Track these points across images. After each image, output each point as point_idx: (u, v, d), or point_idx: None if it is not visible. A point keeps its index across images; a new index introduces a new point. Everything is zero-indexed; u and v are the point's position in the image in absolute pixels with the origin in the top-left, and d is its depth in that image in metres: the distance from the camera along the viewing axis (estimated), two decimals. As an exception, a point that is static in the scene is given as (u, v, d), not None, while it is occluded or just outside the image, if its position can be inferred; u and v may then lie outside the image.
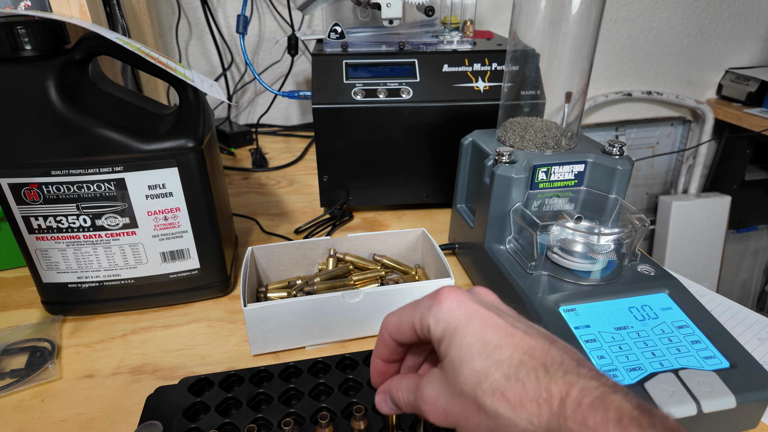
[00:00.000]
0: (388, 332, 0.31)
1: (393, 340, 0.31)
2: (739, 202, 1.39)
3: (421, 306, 0.29)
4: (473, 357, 0.26)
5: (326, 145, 0.70)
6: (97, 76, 0.51)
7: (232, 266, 0.60)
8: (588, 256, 0.47)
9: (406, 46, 0.72)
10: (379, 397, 0.32)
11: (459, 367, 0.26)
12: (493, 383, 0.25)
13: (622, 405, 0.22)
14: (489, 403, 0.25)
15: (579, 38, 0.51)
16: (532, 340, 0.26)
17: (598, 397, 0.23)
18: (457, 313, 0.27)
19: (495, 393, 0.25)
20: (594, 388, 0.23)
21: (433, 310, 0.28)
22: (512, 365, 0.25)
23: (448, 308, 0.28)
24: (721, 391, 0.37)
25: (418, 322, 0.29)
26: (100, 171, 0.47)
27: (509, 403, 0.24)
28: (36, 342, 0.50)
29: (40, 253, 0.50)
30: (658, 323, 0.43)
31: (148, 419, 0.39)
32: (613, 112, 1.37)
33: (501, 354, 0.25)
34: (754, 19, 1.32)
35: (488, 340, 0.26)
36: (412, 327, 0.29)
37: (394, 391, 0.31)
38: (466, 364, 0.26)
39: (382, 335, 0.31)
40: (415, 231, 0.59)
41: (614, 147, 0.51)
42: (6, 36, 0.44)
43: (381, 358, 0.32)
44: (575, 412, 0.23)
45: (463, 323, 0.27)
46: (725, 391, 0.37)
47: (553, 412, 0.23)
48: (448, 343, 0.27)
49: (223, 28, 1.07)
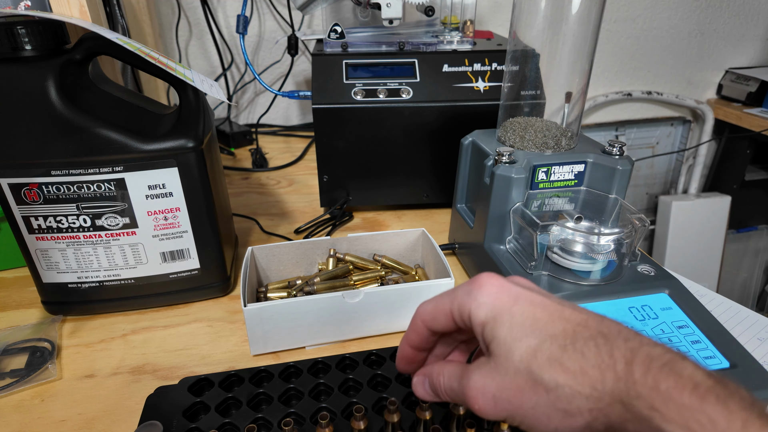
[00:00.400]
0: (423, 320, 0.30)
1: (427, 328, 0.30)
2: (739, 202, 1.39)
3: (460, 293, 0.28)
4: (525, 334, 0.25)
5: (326, 145, 0.70)
6: (97, 76, 0.51)
7: (232, 266, 0.60)
8: (588, 256, 0.47)
9: (406, 46, 0.72)
10: (417, 378, 0.32)
11: (511, 347, 0.25)
12: (550, 355, 0.24)
13: (695, 373, 0.21)
14: (547, 376, 0.23)
15: (579, 38, 0.51)
16: (583, 314, 0.25)
17: (667, 363, 0.22)
18: (501, 296, 0.27)
19: (552, 364, 0.24)
20: (660, 353, 0.22)
21: (474, 295, 0.27)
22: (567, 336, 0.24)
23: (490, 292, 0.27)
24: (721, 391, 0.37)
25: (456, 309, 0.28)
26: (100, 171, 0.47)
27: (569, 372, 0.23)
28: (36, 342, 0.50)
29: (40, 253, 0.50)
30: (658, 323, 0.43)
31: (148, 419, 0.39)
32: (613, 112, 1.37)
33: (553, 328, 0.25)
34: (754, 19, 1.32)
35: (538, 317, 0.25)
36: (449, 314, 0.28)
37: (435, 376, 0.30)
38: (518, 342, 0.25)
39: (415, 322, 0.31)
40: (415, 231, 0.59)
41: (614, 147, 0.51)
42: (6, 36, 0.44)
43: (411, 345, 0.32)
44: (645, 376, 0.21)
45: (509, 304, 0.26)
46: (725, 391, 0.37)
47: (619, 376, 0.22)
48: (495, 325, 0.26)
49: (223, 28, 1.07)
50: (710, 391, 0.20)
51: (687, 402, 0.20)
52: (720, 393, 0.20)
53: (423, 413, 0.37)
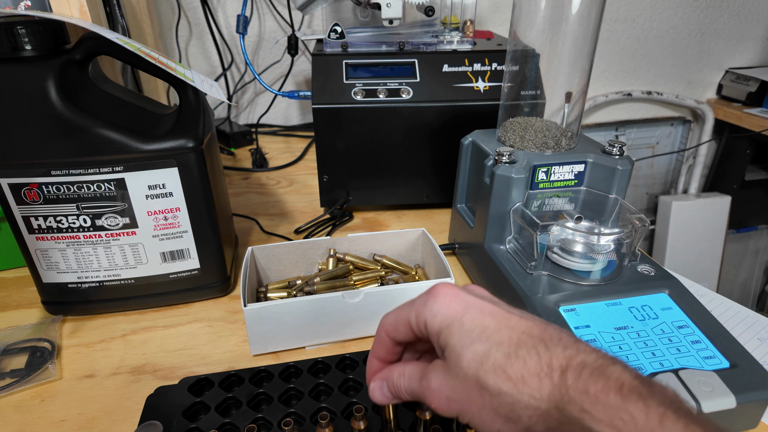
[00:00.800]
0: (385, 331, 0.31)
1: (390, 339, 0.31)
2: (739, 202, 1.39)
3: (417, 303, 0.30)
4: (473, 341, 0.26)
5: (326, 145, 0.70)
6: (97, 76, 0.51)
7: (232, 266, 0.60)
8: (588, 256, 0.47)
9: (406, 46, 0.72)
10: (374, 384, 0.32)
11: (460, 353, 0.26)
12: (495, 362, 0.25)
13: (622, 375, 0.23)
14: (491, 382, 0.25)
15: (579, 38, 0.51)
16: (529, 321, 0.27)
17: (597, 368, 0.23)
18: (453, 305, 0.28)
19: (497, 372, 0.25)
20: (594, 360, 0.24)
21: (429, 304, 0.29)
22: (512, 344, 0.26)
23: (444, 302, 0.28)
24: (721, 391, 0.37)
25: (414, 319, 0.29)
26: (100, 171, 0.47)
27: (511, 380, 0.25)
28: (36, 342, 0.50)
29: (40, 253, 0.50)
30: (658, 323, 0.43)
31: (148, 419, 0.39)
32: (613, 112, 1.37)
33: (500, 336, 0.26)
34: (754, 19, 1.32)
35: (486, 325, 0.27)
36: (408, 324, 0.30)
37: (395, 378, 0.31)
38: (467, 349, 0.26)
39: (379, 334, 0.32)
40: (415, 231, 0.59)
41: (614, 147, 0.51)
42: (6, 36, 0.44)
43: (378, 358, 0.33)
44: (576, 381, 0.23)
45: (461, 313, 0.28)
46: (725, 391, 0.37)
47: (555, 384, 0.24)
48: (448, 333, 0.27)
49: (223, 28, 1.07)
50: (633, 390, 0.22)
51: (612, 402, 0.22)
52: (642, 392, 0.22)
53: (423, 413, 0.37)
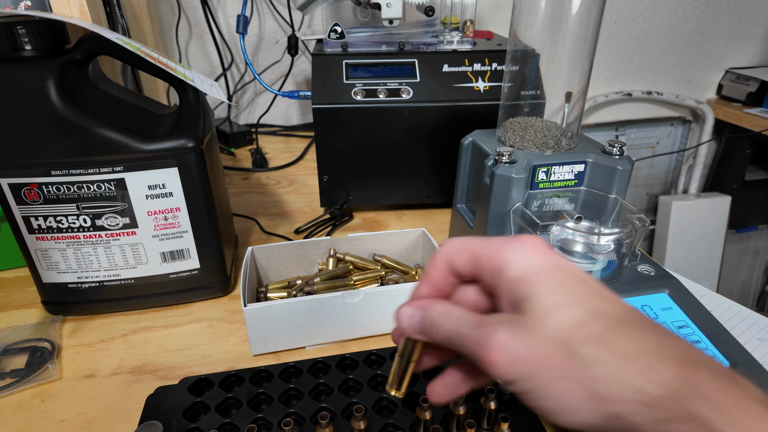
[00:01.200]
0: (447, 253, 0.27)
1: (447, 265, 0.27)
2: (739, 202, 1.39)
3: (496, 241, 0.25)
4: (568, 303, 0.23)
5: (326, 145, 0.70)
6: (97, 76, 0.51)
7: (232, 266, 0.60)
8: (588, 256, 0.47)
9: (406, 46, 0.72)
10: (405, 308, 0.27)
11: (549, 311, 0.23)
12: (594, 332, 0.22)
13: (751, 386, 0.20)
14: (587, 351, 0.21)
15: (579, 38, 0.51)
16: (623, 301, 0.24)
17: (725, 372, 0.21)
18: (543, 257, 0.24)
19: (597, 342, 0.21)
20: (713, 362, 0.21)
21: (513, 247, 0.25)
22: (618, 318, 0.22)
23: (532, 249, 0.24)
24: (721, 391, 0.37)
25: (485, 255, 0.25)
26: (100, 171, 0.47)
27: (618, 354, 0.21)
28: (36, 342, 0.50)
29: (40, 253, 0.50)
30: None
31: (148, 419, 0.39)
32: (613, 112, 1.37)
33: (602, 307, 0.23)
34: (754, 19, 1.32)
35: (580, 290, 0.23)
36: (474, 257, 0.26)
37: (436, 314, 0.26)
38: (560, 308, 0.23)
39: (435, 259, 0.27)
40: (415, 231, 0.59)
41: (614, 147, 0.51)
42: (6, 36, 0.44)
43: (429, 283, 0.28)
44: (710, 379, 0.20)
45: (553, 267, 0.24)
46: (725, 391, 0.37)
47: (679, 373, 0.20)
48: (533, 284, 0.23)
49: (223, 28, 1.07)
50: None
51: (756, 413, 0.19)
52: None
53: (423, 413, 0.37)
